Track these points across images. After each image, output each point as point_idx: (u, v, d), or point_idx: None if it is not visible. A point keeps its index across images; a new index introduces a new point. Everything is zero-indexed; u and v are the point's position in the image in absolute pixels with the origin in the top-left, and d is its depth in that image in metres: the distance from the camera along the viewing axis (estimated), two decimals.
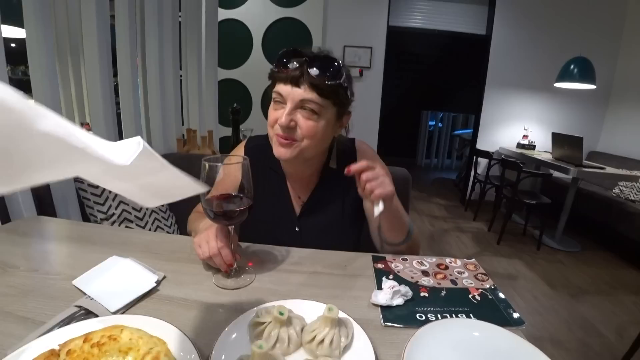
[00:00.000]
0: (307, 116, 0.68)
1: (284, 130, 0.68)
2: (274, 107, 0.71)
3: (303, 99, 0.67)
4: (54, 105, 1.14)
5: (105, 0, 1.30)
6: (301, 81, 0.66)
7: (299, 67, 0.66)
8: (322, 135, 0.71)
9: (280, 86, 0.69)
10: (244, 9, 3.47)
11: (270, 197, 0.83)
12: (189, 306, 0.54)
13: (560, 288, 2.20)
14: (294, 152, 0.70)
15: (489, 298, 0.59)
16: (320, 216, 0.83)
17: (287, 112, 0.67)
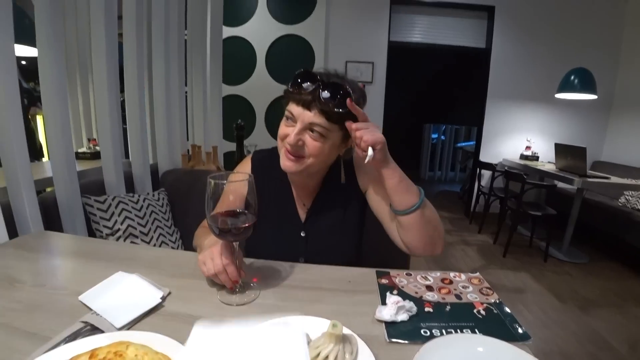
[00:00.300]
0: (315, 138, 0.72)
1: (292, 147, 0.72)
2: (285, 123, 0.75)
3: (312, 122, 0.70)
4: (62, 121, 1.16)
5: (114, 20, 1.34)
6: (312, 105, 0.70)
7: (311, 91, 0.69)
8: (327, 155, 0.76)
9: (292, 106, 0.72)
10: (248, 27, 3.56)
11: (277, 204, 0.87)
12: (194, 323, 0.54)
13: (568, 301, 2.16)
14: (299, 167, 0.75)
15: (494, 312, 0.59)
16: (325, 220, 0.86)
17: (296, 132, 0.71)
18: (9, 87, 0.98)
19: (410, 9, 3.60)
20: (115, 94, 1.38)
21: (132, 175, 1.55)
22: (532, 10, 3.52)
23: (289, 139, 0.71)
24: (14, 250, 0.77)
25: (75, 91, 2.18)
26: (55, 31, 1.11)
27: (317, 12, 3.46)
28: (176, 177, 1.55)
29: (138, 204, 1.30)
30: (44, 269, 0.70)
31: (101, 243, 0.91)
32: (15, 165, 1.01)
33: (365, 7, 3.52)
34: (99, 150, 1.44)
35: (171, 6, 1.69)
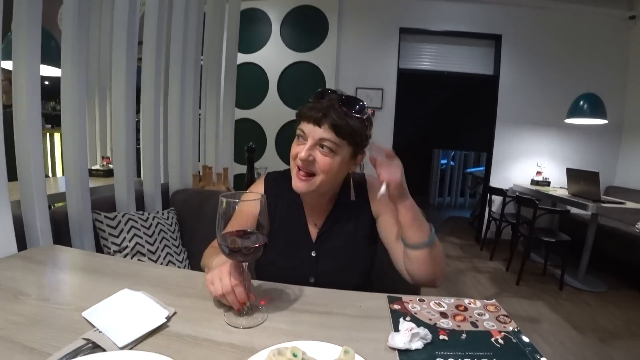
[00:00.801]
0: (325, 153, 0.75)
1: (303, 163, 0.75)
2: (296, 142, 0.78)
3: (322, 138, 0.74)
4: (80, 139, 1.20)
5: (134, 45, 1.40)
6: (322, 122, 0.74)
7: (322, 108, 0.74)
8: (337, 171, 0.78)
9: (304, 124, 0.76)
10: (262, 54, 3.69)
11: (289, 224, 0.88)
12: (198, 344, 0.52)
13: (588, 332, 2.05)
14: (310, 187, 0.77)
15: (513, 342, 0.56)
16: (336, 240, 0.86)
17: (307, 148, 0.74)
18: (33, 105, 1.02)
19: (419, 38, 3.70)
20: (131, 115, 1.42)
21: (143, 193, 1.56)
22: (538, 38, 3.59)
23: (300, 154, 0.74)
24: (22, 262, 0.77)
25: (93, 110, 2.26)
26: (79, 55, 1.16)
27: (329, 40, 3.58)
28: (186, 196, 1.56)
29: (147, 222, 1.30)
30: (49, 283, 0.70)
31: (108, 259, 0.90)
32: (31, 180, 1.03)
33: (375, 36, 3.63)
34: (112, 169, 1.46)
35: (189, 33, 1.77)
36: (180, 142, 1.75)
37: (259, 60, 3.70)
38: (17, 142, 1.02)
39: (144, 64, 1.54)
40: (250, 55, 3.69)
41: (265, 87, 3.72)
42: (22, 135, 1.02)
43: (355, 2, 3.62)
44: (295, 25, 3.64)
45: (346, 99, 0.76)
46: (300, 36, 3.63)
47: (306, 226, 0.88)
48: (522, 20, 3.58)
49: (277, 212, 0.88)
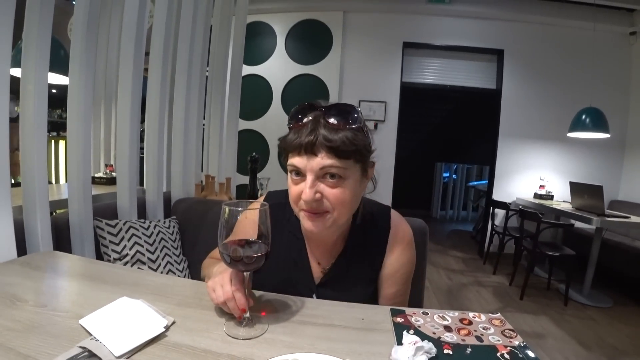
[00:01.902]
0: (332, 184, 0.63)
1: (311, 205, 0.63)
2: (293, 181, 0.66)
3: (323, 167, 0.61)
4: (84, 146, 1.20)
5: (141, 56, 1.43)
6: (317, 149, 0.61)
7: (310, 132, 0.61)
8: (353, 199, 0.67)
9: (295, 158, 0.63)
10: (266, 66, 3.75)
11: (288, 262, 0.78)
12: (197, 355, 0.50)
13: (594, 348, 2.00)
14: (326, 224, 0.66)
15: (520, 357, 0.54)
16: (342, 286, 0.76)
17: (310, 185, 0.62)
18: (39, 112, 1.03)
19: (422, 52, 3.76)
20: (136, 124, 1.43)
21: (145, 201, 1.56)
22: (540, 53, 3.63)
23: (304, 195, 0.62)
24: (20, 267, 0.76)
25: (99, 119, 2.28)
26: (87, 64, 1.18)
27: (333, 54, 3.64)
28: (188, 205, 1.56)
29: (148, 230, 1.29)
30: (47, 289, 0.69)
31: (108, 266, 0.89)
32: (34, 186, 1.03)
33: (378, 50, 3.69)
34: (115, 176, 1.47)
35: (196, 45, 1.80)
36: (183, 151, 1.76)
37: (264, 72, 3.75)
38: (23, 148, 1.03)
39: (150, 74, 1.56)
40: (255, 67, 3.74)
41: (269, 99, 3.77)
42: (28, 142, 1.03)
43: (359, 16, 3.69)
44: (300, 38, 3.70)
45: (332, 110, 0.63)
46: (304, 49, 3.69)
47: (308, 266, 0.78)
48: (524, 35, 3.63)
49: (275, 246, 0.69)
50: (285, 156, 0.68)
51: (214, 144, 2.20)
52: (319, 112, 0.64)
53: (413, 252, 0.81)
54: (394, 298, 0.79)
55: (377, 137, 3.64)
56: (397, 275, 0.78)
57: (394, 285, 0.79)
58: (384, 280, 0.79)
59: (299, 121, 0.65)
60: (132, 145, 1.41)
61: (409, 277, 0.81)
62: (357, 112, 0.64)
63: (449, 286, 2.98)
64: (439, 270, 3.38)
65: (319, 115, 0.63)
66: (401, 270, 0.78)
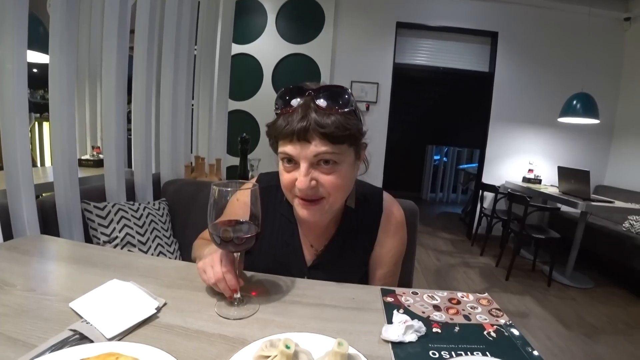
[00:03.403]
0: (327, 170, 0.62)
1: (306, 193, 0.62)
2: (285, 169, 0.64)
3: (317, 154, 0.60)
4: (69, 128, 1.16)
5: (126, 33, 1.37)
6: (309, 135, 0.59)
7: (301, 118, 0.59)
8: (347, 183, 0.67)
9: (287, 146, 0.61)
10: (256, 45, 3.64)
11: (279, 245, 0.78)
12: (189, 336, 0.51)
13: (574, 327, 2.09)
14: (322, 211, 0.65)
15: (505, 335, 0.56)
16: (334, 268, 0.76)
17: (304, 174, 0.60)
18: (19, 91, 0.99)
19: (416, 33, 3.69)
20: (122, 104, 1.39)
21: (134, 183, 1.54)
22: (534, 36, 3.61)
23: (299, 184, 0.61)
24: (7, 252, 0.74)
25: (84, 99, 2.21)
26: (68, 41, 1.13)
27: (325, 33, 3.55)
28: (178, 187, 1.54)
29: (138, 213, 1.28)
30: (35, 273, 0.68)
31: (97, 249, 0.88)
32: (17, 169, 1.00)
33: (371, 30, 3.61)
34: (102, 159, 1.43)
35: (183, 22, 1.73)
36: (172, 132, 1.72)
37: (254, 51, 3.65)
38: (3, 129, 0.99)
39: (136, 53, 1.50)
40: (244, 46, 3.64)
41: (259, 79, 3.68)
42: (8, 123, 0.99)
43: None
44: (291, 16, 3.59)
45: (322, 93, 0.60)
46: (296, 28, 3.59)
47: (300, 249, 0.78)
48: (518, 18, 3.59)
49: (267, 229, 0.72)
50: (274, 142, 0.66)
51: (203, 124, 2.16)
52: (308, 95, 0.61)
53: (404, 234, 0.82)
54: (384, 279, 0.81)
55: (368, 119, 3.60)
56: (388, 257, 0.80)
57: (384, 267, 0.80)
58: (375, 262, 0.80)
59: (287, 106, 0.62)
60: (118, 127, 1.37)
61: (400, 258, 0.82)
62: (349, 94, 0.62)
63: (437, 267, 3.06)
64: (427, 251, 3.46)
65: (309, 99, 0.61)
66: (392, 251, 0.80)
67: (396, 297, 0.66)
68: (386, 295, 0.67)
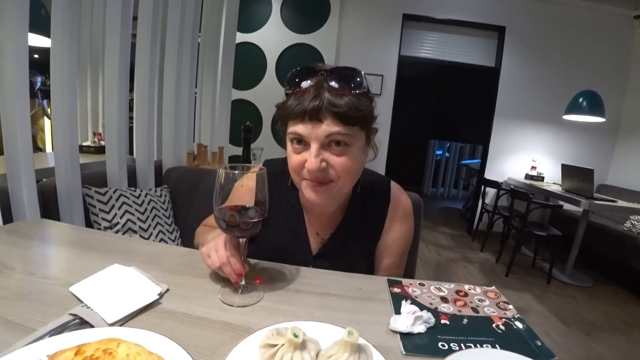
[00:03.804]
0: (338, 152, 0.60)
1: (316, 175, 0.61)
2: (294, 150, 0.62)
3: (329, 134, 0.58)
4: (70, 114, 1.15)
5: (129, 19, 1.34)
6: (322, 115, 0.57)
7: (314, 97, 0.57)
8: (358, 167, 0.65)
9: (297, 126, 0.59)
10: (261, 34, 3.59)
11: (285, 232, 0.76)
12: (192, 323, 0.50)
13: (573, 325, 2.09)
14: (330, 194, 0.64)
15: (514, 328, 0.55)
16: (339, 257, 0.75)
17: (315, 154, 0.58)
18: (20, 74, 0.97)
19: (422, 25, 3.64)
20: (124, 91, 1.37)
21: (135, 170, 1.52)
22: (542, 32, 3.55)
23: (309, 165, 0.59)
24: (7, 235, 0.73)
25: (85, 85, 2.18)
26: (70, 23, 1.11)
27: (330, 23, 3.50)
28: (180, 174, 1.52)
29: (139, 199, 1.26)
30: (35, 257, 0.66)
31: (98, 234, 0.87)
32: (18, 152, 0.98)
33: (377, 21, 3.56)
34: (104, 145, 1.42)
35: (187, 10, 1.70)
36: (174, 119, 1.70)
37: (258, 40, 3.61)
38: (4, 113, 0.97)
39: (139, 40, 1.47)
40: (248, 35, 3.59)
41: (263, 68, 3.64)
42: (9, 106, 0.97)
43: None
44: (296, 5, 3.54)
45: (336, 74, 0.59)
46: (301, 17, 3.54)
47: (306, 237, 0.76)
48: (526, 13, 3.53)
49: (272, 216, 0.68)
50: (284, 124, 0.64)
51: (206, 112, 2.14)
52: (321, 75, 0.60)
53: (412, 224, 0.81)
54: (390, 269, 0.79)
55: None
56: (395, 247, 0.78)
57: (391, 257, 0.79)
58: (381, 251, 0.79)
59: (299, 86, 0.60)
60: (120, 113, 1.35)
61: (406, 248, 0.81)
62: (362, 76, 0.61)
63: (437, 261, 3.06)
64: (428, 245, 3.45)
65: (322, 79, 0.59)
66: (399, 241, 0.78)
67: (403, 288, 0.65)
68: (393, 286, 0.65)
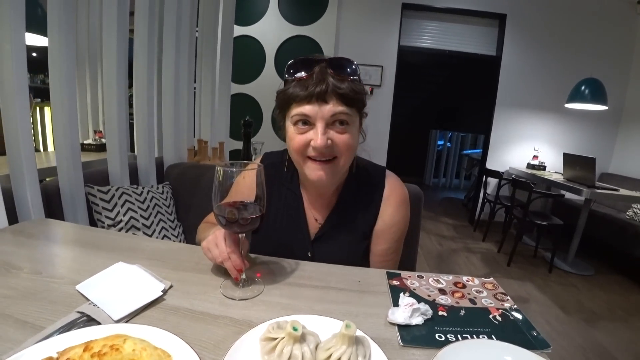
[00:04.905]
0: (341, 130, 0.66)
1: (322, 151, 0.65)
2: (298, 130, 0.67)
3: (334, 114, 0.64)
4: (70, 112, 1.15)
5: (126, 15, 1.33)
6: (328, 96, 0.63)
7: (320, 80, 0.63)
8: (356, 145, 0.71)
9: (303, 107, 0.64)
10: (259, 26, 3.56)
11: (285, 219, 0.79)
12: (195, 318, 0.51)
13: (574, 313, 2.11)
14: (334, 170, 0.69)
15: (511, 319, 0.56)
16: (336, 241, 0.78)
17: (322, 132, 0.64)
18: (19, 74, 0.97)
19: (422, 15, 3.59)
20: (123, 88, 1.37)
21: (137, 167, 1.53)
22: (544, 19, 3.50)
23: (316, 142, 0.64)
24: (12, 236, 0.75)
25: (84, 83, 2.18)
26: (66, 22, 1.10)
27: (328, 14, 3.46)
28: (181, 170, 1.53)
29: (142, 196, 1.28)
30: (42, 256, 0.68)
31: (102, 232, 0.89)
32: (20, 153, 0.99)
33: (376, 11, 3.52)
34: (105, 143, 1.43)
35: (184, 3, 1.69)
36: (174, 115, 1.70)
37: (256, 33, 3.58)
38: (4, 113, 0.98)
39: (136, 35, 1.47)
40: (247, 28, 3.56)
41: (262, 62, 3.62)
42: (9, 107, 0.98)
43: None
44: None
45: (335, 62, 0.66)
46: (299, 9, 3.50)
47: (305, 223, 0.79)
48: (527, 0, 3.47)
49: (273, 205, 0.77)
50: (285, 109, 0.69)
51: (205, 108, 2.13)
52: (322, 63, 0.66)
53: (407, 212, 0.82)
54: (385, 255, 0.81)
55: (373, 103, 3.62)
56: (390, 232, 0.80)
57: (386, 242, 0.80)
58: (376, 236, 0.80)
59: (302, 73, 0.66)
60: (120, 110, 1.36)
61: (402, 236, 0.82)
62: (355, 65, 0.68)
63: (439, 252, 3.07)
64: (430, 236, 3.47)
65: (324, 66, 0.65)
66: (394, 227, 0.79)
67: (402, 280, 0.66)
68: (392, 279, 0.67)
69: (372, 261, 0.81)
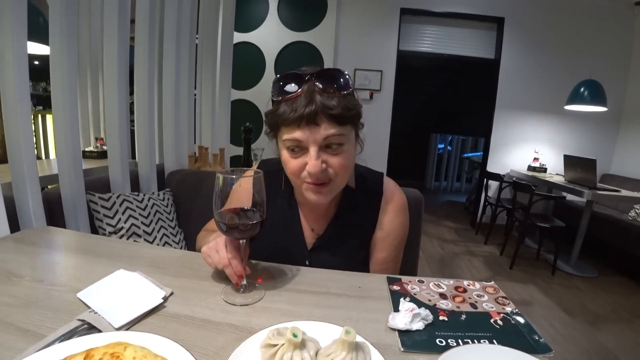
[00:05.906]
0: (335, 152, 0.63)
1: (317, 176, 0.63)
2: (291, 155, 0.64)
3: (327, 137, 0.61)
4: (71, 119, 1.16)
5: (126, 23, 1.35)
6: (319, 118, 0.59)
7: (309, 102, 0.59)
8: (352, 163, 0.69)
9: (295, 132, 0.61)
10: (258, 33, 3.60)
11: (281, 228, 0.78)
12: (196, 325, 0.51)
13: (578, 315, 2.10)
14: (331, 192, 0.68)
15: (512, 323, 0.56)
16: (334, 251, 0.77)
17: (315, 157, 0.61)
18: (21, 82, 0.98)
19: (420, 19, 3.62)
20: (124, 95, 1.38)
21: (138, 174, 1.54)
22: (542, 21, 3.52)
23: (311, 168, 0.61)
24: (14, 244, 0.75)
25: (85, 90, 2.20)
26: (68, 30, 1.12)
27: (327, 20, 3.49)
28: (182, 177, 1.54)
29: (143, 203, 1.28)
30: (43, 264, 0.68)
31: (103, 240, 0.89)
32: (22, 161, 1.00)
33: (375, 16, 3.54)
34: (106, 150, 1.44)
35: (184, 11, 1.70)
36: (175, 122, 1.71)
37: (256, 39, 3.61)
38: (6, 122, 0.99)
39: (137, 43, 1.48)
40: (246, 35, 3.59)
41: (261, 68, 3.65)
42: (11, 115, 0.99)
43: None
44: (293, 3, 3.53)
45: (323, 77, 0.61)
46: (298, 15, 3.53)
47: (301, 233, 0.78)
48: (525, 2, 3.50)
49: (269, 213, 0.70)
50: (276, 129, 0.65)
51: (206, 114, 2.15)
52: (309, 80, 0.61)
53: (406, 218, 0.81)
54: (385, 263, 0.80)
55: (372, 107, 3.64)
56: (389, 240, 0.79)
57: (385, 250, 0.79)
58: (375, 244, 0.79)
59: (289, 92, 0.61)
60: (121, 118, 1.37)
61: (401, 243, 0.81)
62: (347, 76, 0.63)
63: (441, 255, 3.06)
64: (432, 239, 3.46)
65: (312, 84, 0.61)
66: (393, 234, 0.78)
67: (402, 285, 0.66)
68: (392, 284, 0.67)
69: (372, 270, 0.80)
